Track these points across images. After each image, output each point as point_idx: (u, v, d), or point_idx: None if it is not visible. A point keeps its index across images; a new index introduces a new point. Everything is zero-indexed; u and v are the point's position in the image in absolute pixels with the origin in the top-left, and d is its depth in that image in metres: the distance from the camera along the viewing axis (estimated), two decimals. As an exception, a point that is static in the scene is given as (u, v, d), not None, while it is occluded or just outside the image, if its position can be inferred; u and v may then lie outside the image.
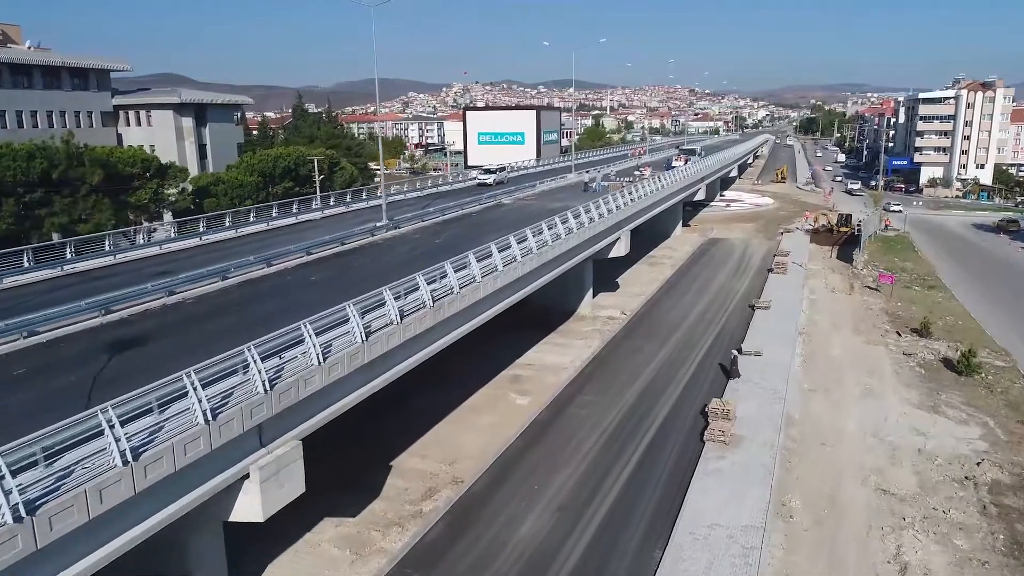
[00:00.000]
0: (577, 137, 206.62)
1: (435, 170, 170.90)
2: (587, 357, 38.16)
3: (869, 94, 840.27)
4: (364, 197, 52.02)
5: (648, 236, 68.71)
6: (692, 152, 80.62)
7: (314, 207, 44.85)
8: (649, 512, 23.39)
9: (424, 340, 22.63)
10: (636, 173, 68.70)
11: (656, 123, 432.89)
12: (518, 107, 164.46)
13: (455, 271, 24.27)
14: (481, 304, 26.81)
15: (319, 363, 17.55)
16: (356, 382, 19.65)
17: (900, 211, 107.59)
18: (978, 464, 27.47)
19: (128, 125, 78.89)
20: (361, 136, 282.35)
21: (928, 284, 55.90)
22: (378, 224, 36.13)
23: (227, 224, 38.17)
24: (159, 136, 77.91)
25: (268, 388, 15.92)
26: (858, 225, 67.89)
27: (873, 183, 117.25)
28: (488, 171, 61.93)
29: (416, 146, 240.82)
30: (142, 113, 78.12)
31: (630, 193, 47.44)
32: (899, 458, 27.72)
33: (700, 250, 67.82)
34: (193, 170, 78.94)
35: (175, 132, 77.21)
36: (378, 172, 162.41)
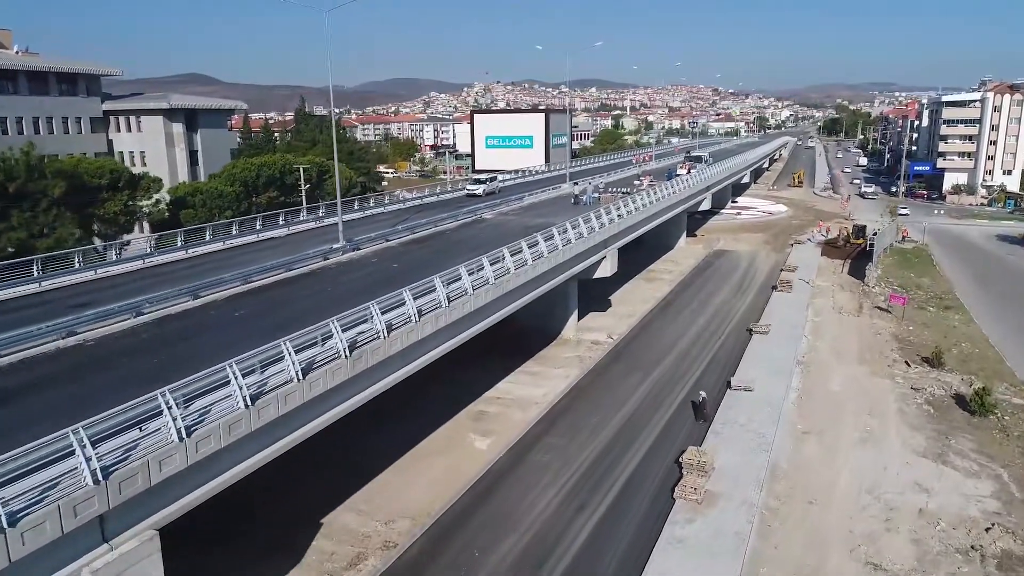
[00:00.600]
0: (592, 140, 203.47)
1: (444, 173, 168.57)
2: (562, 390, 35.20)
3: (897, 93, 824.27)
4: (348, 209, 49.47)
5: (649, 248, 65.70)
6: (698, 159, 77.09)
7: (280, 223, 42.27)
8: (598, 594, 20.46)
9: (337, 396, 19.85)
10: (636, 183, 65.47)
11: (676, 123, 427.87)
12: (527, 110, 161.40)
13: (384, 311, 21.44)
14: (422, 345, 24.01)
15: (180, 439, 14.82)
16: (243, 452, 16.91)
17: (907, 214, 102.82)
18: (987, 530, 24.17)
19: (119, 131, 77.17)
20: (377, 138, 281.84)
21: (944, 304, 52.11)
22: (334, 246, 33.45)
23: (179, 244, 35.67)
24: (149, 142, 76.20)
25: (99, 479, 13.21)
26: (872, 237, 63.96)
27: (894, 189, 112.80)
28: (477, 181, 59.11)
29: (431, 147, 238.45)
30: (132, 119, 76.31)
31: (622, 207, 44.36)
32: (896, 522, 24.47)
33: (703, 263, 64.47)
34: (184, 177, 77.18)
35: (165, 138, 75.35)
36: (388, 175, 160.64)
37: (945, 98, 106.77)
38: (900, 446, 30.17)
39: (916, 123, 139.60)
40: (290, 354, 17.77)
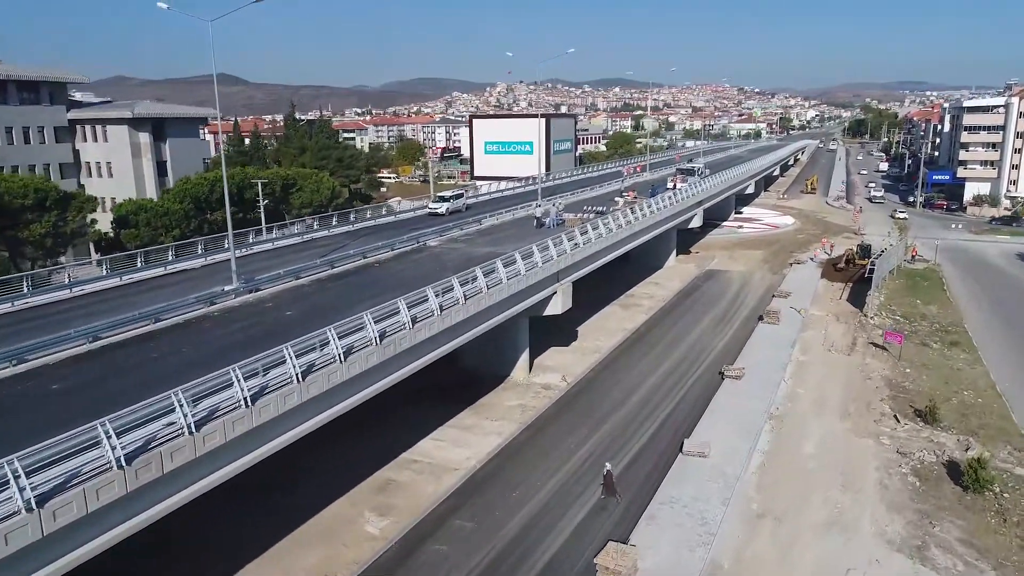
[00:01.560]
0: (605, 142, 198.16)
1: (449, 178, 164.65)
2: (491, 451, 30.84)
3: (928, 93, 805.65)
4: (300, 230, 45.68)
5: (635, 267, 61.26)
6: (690, 172, 72.01)
7: (198, 253, 38.28)
8: None
9: (140, 500, 15.92)
10: (618, 199, 60.77)
11: (697, 124, 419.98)
12: (526, 115, 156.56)
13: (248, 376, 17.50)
14: (302, 411, 20.14)
15: None
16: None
17: (905, 218, 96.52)
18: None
19: (85, 141, 74.19)
20: (391, 140, 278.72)
21: (950, 340, 46.76)
22: (226, 288, 29.36)
23: (67, 280, 31.85)
24: (116, 153, 73.12)
25: None
26: (874, 260, 58.33)
27: (911, 199, 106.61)
28: (441, 199, 54.72)
29: (442, 150, 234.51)
30: (98, 128, 73.25)
31: (577, 235, 39.85)
32: (850, 653, 19.80)
33: (690, 287, 59.60)
34: (151, 189, 73.95)
35: (131, 148, 72.13)
36: (390, 180, 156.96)
37: (966, 103, 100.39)
38: (873, 535, 25.36)
39: (939, 127, 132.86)
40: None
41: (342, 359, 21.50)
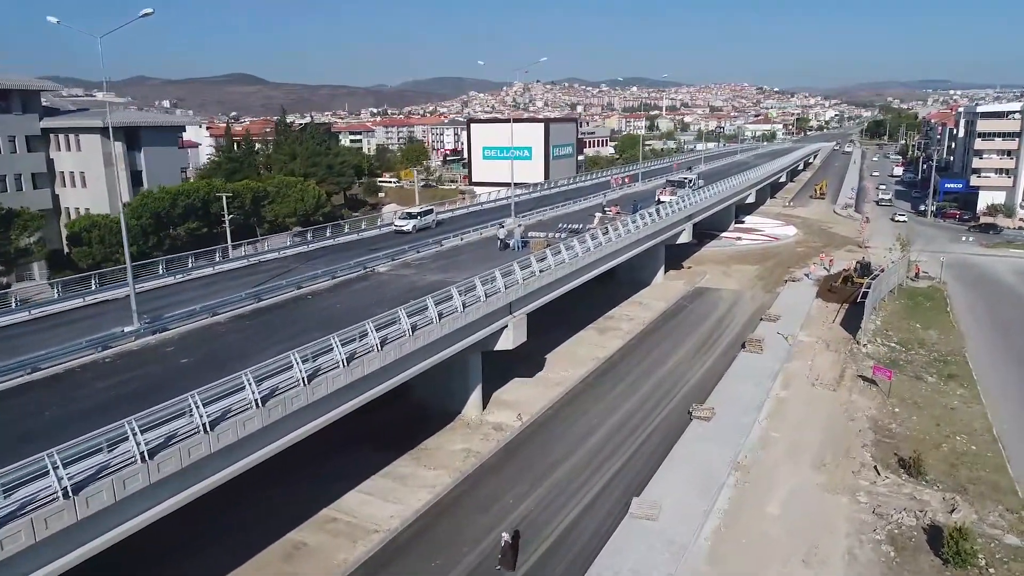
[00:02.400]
0: (614, 145, 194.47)
1: (451, 182, 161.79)
2: (419, 508, 27.99)
3: (952, 92, 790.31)
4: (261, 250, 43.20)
5: (620, 284, 58.29)
6: (681, 184, 68.60)
7: (114, 283, 35.63)
8: None
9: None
10: (597, 214, 57.66)
11: (713, 124, 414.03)
12: (525, 119, 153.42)
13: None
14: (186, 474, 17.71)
15: None
16: None
17: (904, 220, 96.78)
18: None
19: (59, 150, 72.31)
20: (400, 142, 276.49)
21: (947, 372, 43.23)
22: (125, 329, 26.74)
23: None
24: (88, 162, 71.05)
25: None
26: (871, 280, 54.47)
27: (923, 207, 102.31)
28: (408, 216, 51.88)
29: (451, 151, 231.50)
30: (72, 137, 71.25)
31: (533, 263, 36.90)
32: None
33: (675, 307, 56.37)
34: (125, 199, 71.88)
35: (104, 158, 70.01)
36: (391, 184, 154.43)
37: (980, 108, 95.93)
38: (833, 622, 22.26)
39: (954, 132, 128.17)
40: None
41: (206, 429, 18.83)
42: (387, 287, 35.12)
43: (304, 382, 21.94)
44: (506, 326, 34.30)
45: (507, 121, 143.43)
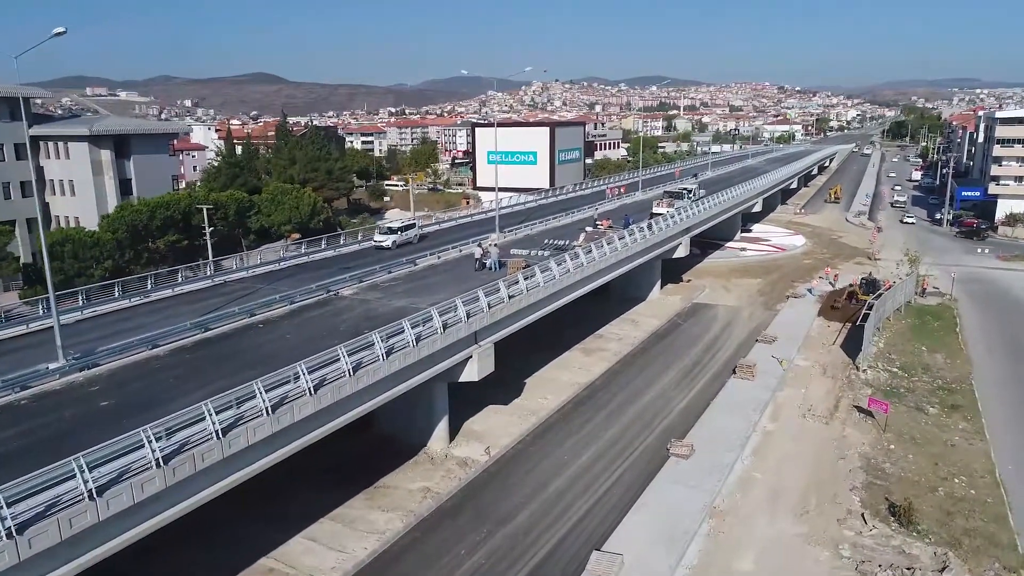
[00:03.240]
0: (626, 148, 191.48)
1: (459, 185, 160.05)
2: (362, 559, 26.10)
3: (979, 91, 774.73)
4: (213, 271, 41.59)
5: (614, 299, 56.11)
6: (679, 196, 65.97)
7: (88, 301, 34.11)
8: None
9: None
10: (588, 228, 55.47)
11: (731, 125, 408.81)
12: (531, 123, 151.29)
13: None
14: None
15: None
16: None
17: (913, 222, 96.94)
18: None
19: (48, 158, 71.48)
20: (413, 143, 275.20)
21: (950, 402, 40.65)
22: (50, 366, 25.01)
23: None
24: (77, 171, 70.15)
25: None
26: (872, 301, 51.45)
27: (939, 215, 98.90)
28: (388, 230, 49.90)
29: (463, 153, 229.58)
30: (60, 145, 70.35)
31: (502, 289, 34.92)
32: None
33: (668, 326, 54.07)
34: (113, 209, 70.91)
35: (92, 166, 69.01)
36: (397, 188, 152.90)
37: (999, 115, 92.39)
38: None
39: (974, 136, 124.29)
40: None
41: (93, 496, 17.07)
42: (346, 314, 33.27)
43: (218, 435, 20.11)
44: (471, 357, 32.29)
45: (512, 125, 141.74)
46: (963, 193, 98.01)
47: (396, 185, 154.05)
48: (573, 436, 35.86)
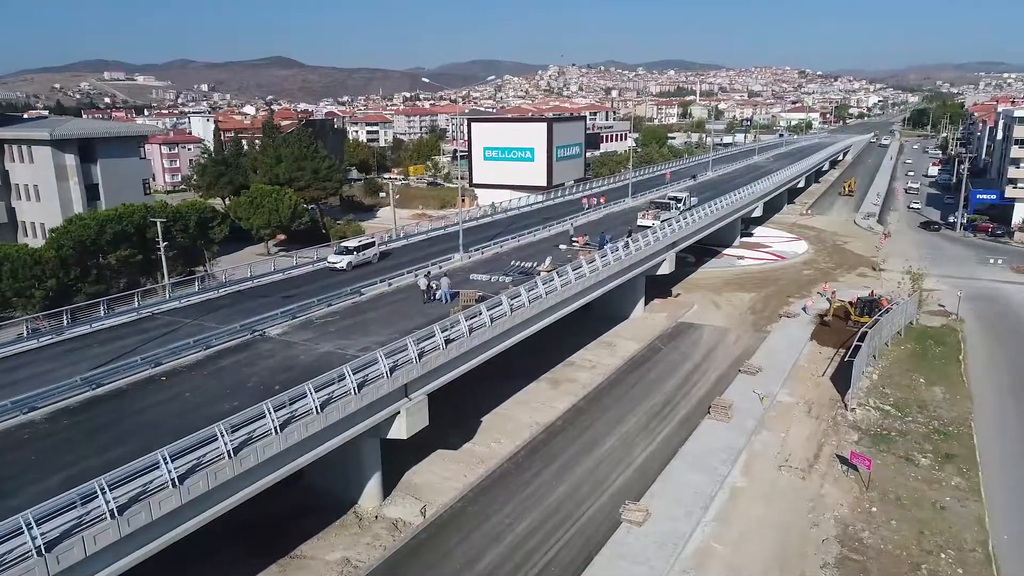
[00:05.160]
0: (635, 139, 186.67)
1: (460, 179, 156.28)
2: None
3: (1006, 75, 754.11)
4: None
5: (595, 319, 52.63)
6: (666, 206, 61.82)
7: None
8: None
9: None
10: (562, 247, 51.89)
11: (748, 112, 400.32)
12: (528, 119, 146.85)
13: None
14: None
15: None
16: None
17: (919, 208, 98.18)
18: None
19: (13, 161, 68.93)
20: (422, 131, 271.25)
21: (944, 451, 36.88)
22: None
23: None
24: (41, 175, 67.52)
25: None
26: (867, 329, 46.99)
27: (952, 218, 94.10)
28: (344, 250, 46.56)
29: (456, 149, 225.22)
30: (24, 149, 67.71)
31: (440, 335, 31.63)
32: None
33: (646, 351, 50.51)
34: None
35: (56, 171, 66.32)
36: (397, 182, 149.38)
37: (1018, 113, 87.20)
38: None
39: (994, 131, 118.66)
40: None
41: None
42: (262, 363, 30.08)
43: (40, 551, 17.08)
44: (398, 412, 29.08)
45: (509, 120, 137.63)
46: (978, 196, 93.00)
47: (395, 180, 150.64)
48: (519, 493, 32.57)
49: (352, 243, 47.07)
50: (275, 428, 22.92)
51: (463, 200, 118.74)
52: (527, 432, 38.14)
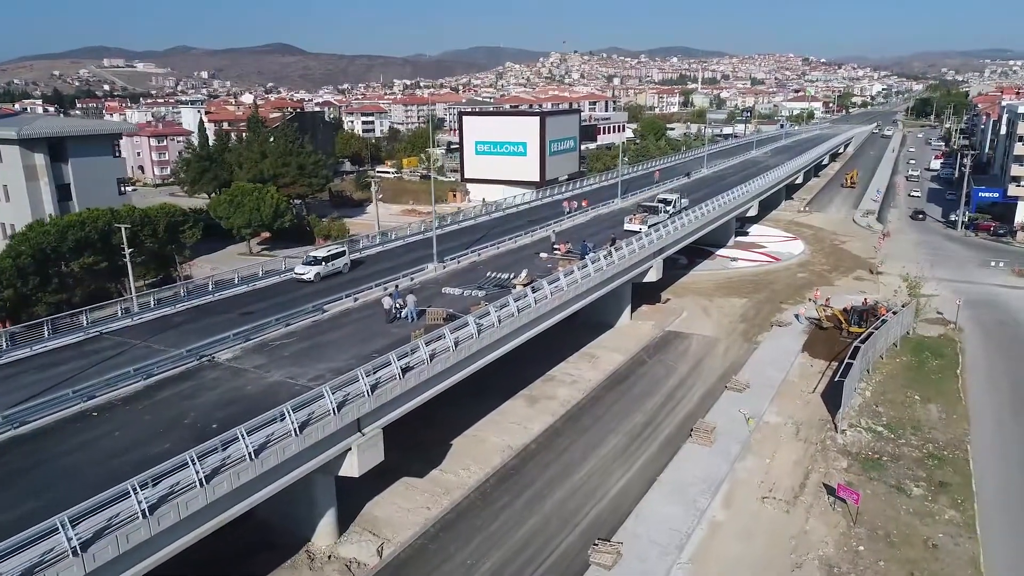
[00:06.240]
0: (635, 129, 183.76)
1: (452, 171, 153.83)
2: None
3: (1012, 63, 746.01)
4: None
5: (578, 329, 50.74)
6: (654, 210, 59.48)
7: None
8: None
9: None
10: (543, 255, 49.75)
11: (750, 101, 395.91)
12: (520, 112, 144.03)
13: None
14: None
15: None
16: None
17: (919, 196, 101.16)
18: None
19: (-16, 160, 66.76)
20: (420, 122, 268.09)
21: (939, 479, 34.85)
22: None
23: None
24: (10, 175, 65.48)
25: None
26: (860, 343, 44.69)
27: (954, 216, 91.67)
28: (313, 260, 44.41)
29: (450, 142, 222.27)
30: (-7, 147, 65.56)
31: (393, 367, 29.61)
32: None
33: (630, 364, 48.44)
34: (50, 215, 66.23)
35: (24, 171, 64.23)
36: (388, 175, 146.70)
37: (1022, 108, 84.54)
38: None
39: (997, 125, 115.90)
40: None
41: None
42: (205, 395, 28.04)
43: None
44: (349, 449, 27.10)
45: (500, 114, 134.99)
46: (981, 195, 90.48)
47: (388, 172, 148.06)
48: (485, 529, 30.62)
49: (320, 253, 44.90)
50: (199, 481, 20.90)
51: (455, 195, 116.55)
52: (498, 458, 36.15)
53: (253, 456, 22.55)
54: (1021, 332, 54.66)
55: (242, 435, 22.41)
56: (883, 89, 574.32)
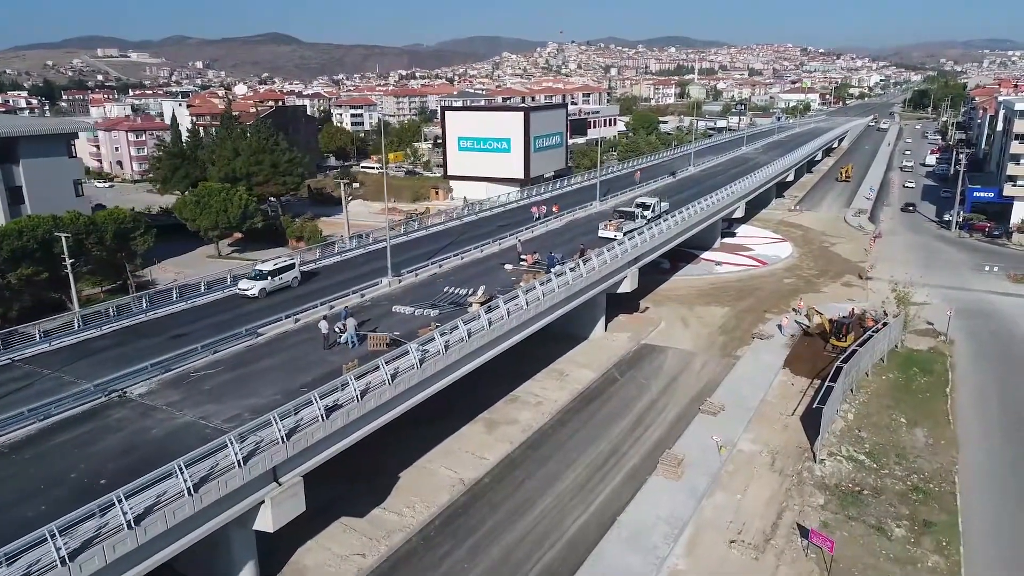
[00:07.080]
0: (627, 123, 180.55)
1: (438, 166, 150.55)
2: None
3: (1011, 53, 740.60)
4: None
5: (550, 342, 47.76)
6: (631, 216, 56.39)
7: None
8: None
9: None
10: (508, 267, 46.89)
11: (747, 92, 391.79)
12: (504, 107, 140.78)
13: None
14: None
15: None
16: None
17: (912, 187, 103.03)
18: None
19: (-69, 162, 63.68)
20: (411, 114, 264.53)
21: (923, 518, 32.19)
22: None
23: None
24: (-41, 178, 62.37)
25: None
26: (841, 364, 41.55)
27: (948, 216, 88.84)
28: (257, 274, 41.49)
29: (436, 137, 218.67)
30: (-60, 148, 62.46)
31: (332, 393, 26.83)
32: None
33: (601, 382, 45.70)
34: (1, 220, 63.22)
35: (-26, 174, 61.26)
36: (372, 171, 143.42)
37: (1019, 105, 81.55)
38: None
39: (994, 120, 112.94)
40: None
41: None
42: (102, 442, 25.18)
43: None
44: (263, 502, 24.30)
45: (483, 109, 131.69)
46: (976, 194, 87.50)
47: (372, 168, 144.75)
48: (422, 581, 27.93)
49: (267, 267, 41.95)
50: (60, 559, 18.11)
51: (437, 192, 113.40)
52: (447, 494, 33.40)
53: (133, 524, 19.75)
54: (1015, 344, 51.94)
55: (118, 500, 19.60)
56: (881, 80, 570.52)
